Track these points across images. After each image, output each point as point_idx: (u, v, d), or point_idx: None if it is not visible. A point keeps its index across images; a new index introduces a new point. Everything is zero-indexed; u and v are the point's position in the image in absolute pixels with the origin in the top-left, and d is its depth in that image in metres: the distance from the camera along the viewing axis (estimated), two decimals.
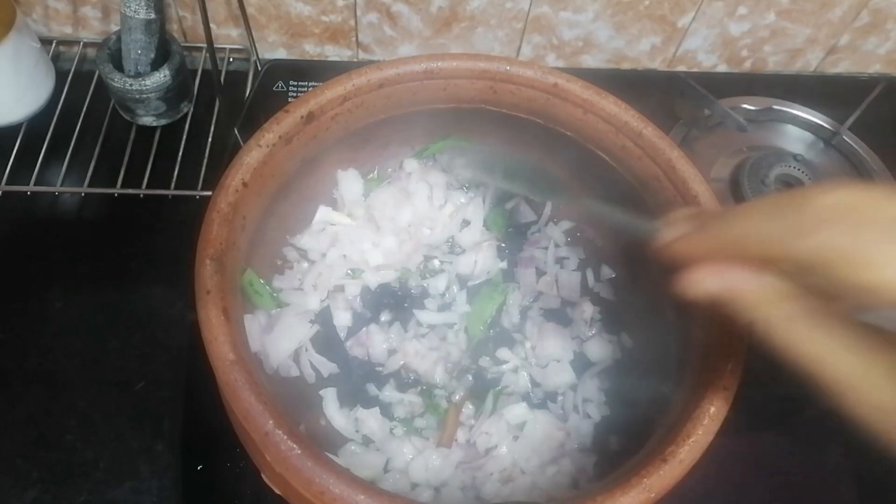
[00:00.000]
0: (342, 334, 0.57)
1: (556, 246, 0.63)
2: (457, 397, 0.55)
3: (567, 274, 0.61)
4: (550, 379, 0.57)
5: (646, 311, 0.57)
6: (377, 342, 0.56)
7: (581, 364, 0.58)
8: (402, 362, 0.56)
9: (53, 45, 0.75)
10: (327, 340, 0.57)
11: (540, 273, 0.62)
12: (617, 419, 0.55)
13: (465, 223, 0.63)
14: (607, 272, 0.61)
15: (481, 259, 0.60)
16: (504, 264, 0.62)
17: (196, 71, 0.75)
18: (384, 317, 0.59)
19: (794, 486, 0.56)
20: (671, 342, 0.53)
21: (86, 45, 0.76)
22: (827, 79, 0.85)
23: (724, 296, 0.32)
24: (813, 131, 0.77)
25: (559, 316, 0.61)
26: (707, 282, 0.33)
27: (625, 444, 0.52)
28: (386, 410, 0.55)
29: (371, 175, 0.62)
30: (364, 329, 0.57)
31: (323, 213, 0.59)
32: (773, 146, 0.75)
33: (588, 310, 0.59)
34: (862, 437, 0.28)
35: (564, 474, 0.52)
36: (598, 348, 0.58)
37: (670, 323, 0.55)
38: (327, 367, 0.55)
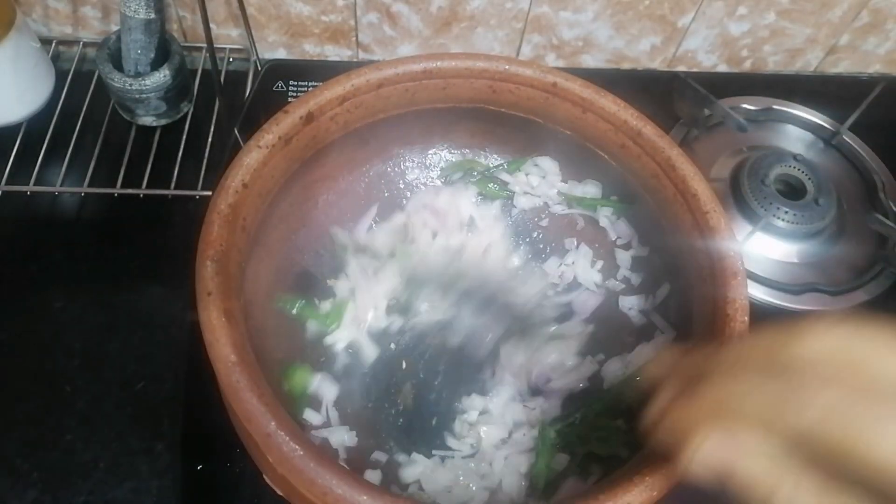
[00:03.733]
0: None
1: None
2: None
3: None
4: None
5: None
6: None
7: None
8: None
9: (53, 45, 0.76)
10: None
11: None
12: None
13: None
14: None
15: None
16: None
17: (196, 71, 0.75)
18: None
19: None
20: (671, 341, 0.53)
21: (86, 45, 0.76)
22: (827, 79, 0.85)
23: (726, 471, 0.28)
24: (813, 131, 0.77)
25: None
26: (705, 454, 0.29)
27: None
28: None
29: None
30: None
31: None
32: (773, 146, 0.75)
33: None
34: None
35: None
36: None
37: (670, 323, 0.55)
38: None
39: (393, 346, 0.57)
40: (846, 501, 0.26)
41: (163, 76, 0.67)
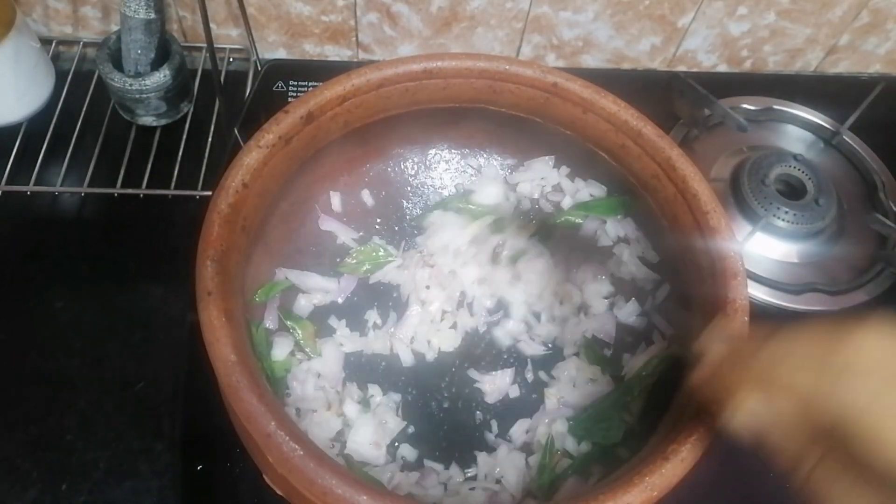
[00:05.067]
0: None
1: None
2: None
3: None
4: None
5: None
6: None
7: None
8: None
9: (53, 45, 0.75)
10: None
11: None
12: None
13: None
14: None
15: None
16: None
17: (196, 71, 0.75)
18: None
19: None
20: (673, 344, 0.53)
21: (86, 45, 0.76)
22: (827, 79, 0.85)
23: (760, 434, 0.31)
24: (813, 131, 0.77)
25: None
26: (745, 414, 0.32)
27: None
28: None
29: None
30: None
31: None
32: (773, 146, 0.75)
33: None
34: None
35: None
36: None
37: (673, 324, 0.55)
38: None
39: None
40: (860, 488, 0.28)
41: (163, 76, 0.67)
